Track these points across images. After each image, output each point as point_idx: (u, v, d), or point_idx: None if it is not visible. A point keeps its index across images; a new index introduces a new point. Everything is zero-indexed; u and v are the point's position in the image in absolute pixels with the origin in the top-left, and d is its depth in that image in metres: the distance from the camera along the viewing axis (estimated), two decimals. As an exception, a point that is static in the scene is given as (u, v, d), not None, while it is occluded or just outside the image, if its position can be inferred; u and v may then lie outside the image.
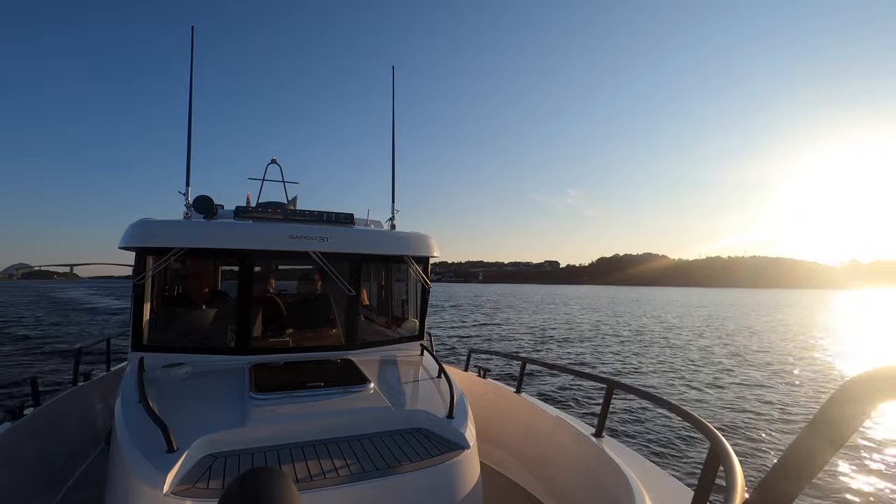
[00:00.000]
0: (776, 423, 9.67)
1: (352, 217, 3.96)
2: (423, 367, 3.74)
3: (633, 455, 2.74)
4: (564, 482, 3.17)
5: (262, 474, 0.90)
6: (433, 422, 2.68)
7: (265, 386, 2.79)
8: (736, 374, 15.01)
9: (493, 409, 4.09)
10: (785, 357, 18.67)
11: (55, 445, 3.47)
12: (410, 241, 4.02)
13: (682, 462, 7.27)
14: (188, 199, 3.54)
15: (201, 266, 4.35)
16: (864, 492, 6.34)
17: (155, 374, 3.00)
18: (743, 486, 1.41)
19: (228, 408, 2.59)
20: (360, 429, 2.57)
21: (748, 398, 11.78)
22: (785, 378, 14.43)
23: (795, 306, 65.14)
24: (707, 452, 1.77)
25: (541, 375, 12.64)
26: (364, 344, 3.89)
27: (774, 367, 16.14)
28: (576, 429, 3.08)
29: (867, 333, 30.60)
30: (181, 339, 3.59)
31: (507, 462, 3.82)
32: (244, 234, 3.44)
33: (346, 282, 3.71)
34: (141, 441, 2.16)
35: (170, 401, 2.65)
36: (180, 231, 3.30)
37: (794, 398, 11.95)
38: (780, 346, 22.00)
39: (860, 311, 58.05)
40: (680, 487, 2.41)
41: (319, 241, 3.54)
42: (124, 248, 3.34)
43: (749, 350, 20.55)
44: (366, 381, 2.96)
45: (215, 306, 3.89)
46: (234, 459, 2.20)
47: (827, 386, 13.52)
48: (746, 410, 10.61)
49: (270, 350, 3.59)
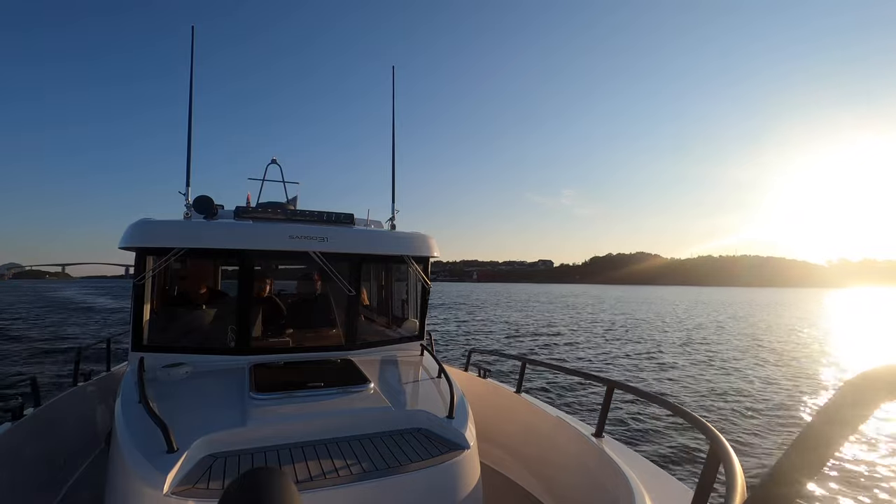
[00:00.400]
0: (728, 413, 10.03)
1: (352, 217, 3.96)
2: (424, 367, 3.74)
3: (633, 455, 2.74)
4: (564, 482, 3.16)
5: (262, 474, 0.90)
6: (433, 422, 2.68)
7: (265, 386, 2.79)
8: (667, 363, 16.64)
9: (493, 409, 4.08)
10: (726, 352, 19.76)
11: (55, 445, 3.47)
12: (410, 241, 4.02)
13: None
14: (188, 200, 3.54)
15: (201, 266, 4.35)
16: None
17: (155, 375, 3.00)
18: (743, 486, 1.41)
19: (228, 408, 2.59)
20: (360, 429, 2.57)
21: (665, 380, 13.32)
22: (715, 371, 15.43)
23: (774, 305, 66.47)
24: (707, 452, 1.77)
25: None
26: (364, 344, 3.89)
27: (716, 363, 17.03)
28: (576, 429, 3.08)
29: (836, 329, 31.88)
30: (181, 340, 3.59)
31: (507, 462, 3.82)
32: (244, 234, 3.44)
33: (346, 282, 3.71)
34: (141, 441, 2.16)
35: (170, 401, 2.65)
36: (180, 231, 3.30)
37: (739, 388, 12.65)
38: (721, 340, 23.52)
39: (835, 308, 59.64)
40: (680, 487, 2.40)
41: (319, 241, 3.54)
42: (124, 248, 3.34)
43: (692, 343, 22.15)
44: (366, 381, 2.96)
45: (215, 306, 3.89)
46: (234, 459, 2.20)
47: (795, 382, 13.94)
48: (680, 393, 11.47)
49: (270, 350, 3.59)
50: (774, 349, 20.39)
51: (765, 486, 0.65)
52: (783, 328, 30.23)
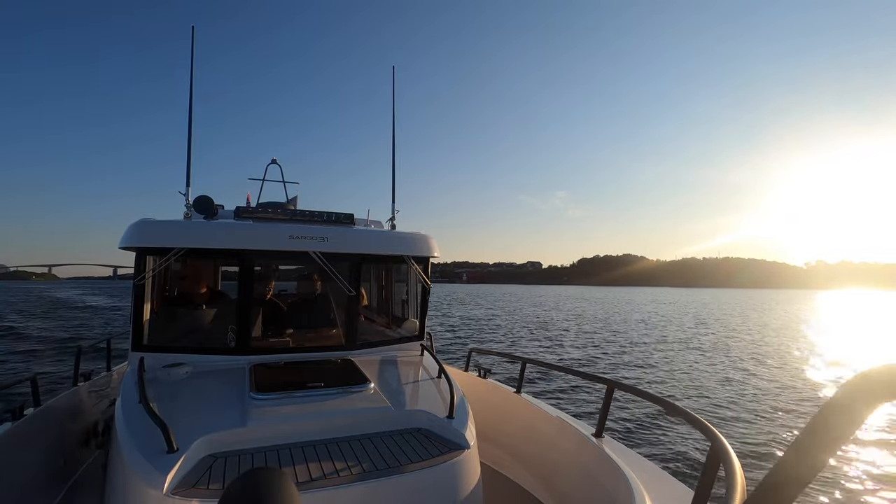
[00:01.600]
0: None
1: (352, 217, 3.96)
2: (424, 368, 3.73)
3: (633, 455, 2.74)
4: (564, 482, 3.16)
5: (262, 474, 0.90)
6: (433, 422, 2.68)
7: (265, 386, 2.79)
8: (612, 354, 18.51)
9: (494, 409, 4.08)
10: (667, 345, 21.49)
11: (55, 445, 3.47)
12: (411, 241, 4.02)
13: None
14: (188, 200, 3.54)
15: (202, 266, 4.35)
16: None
17: (155, 375, 3.00)
18: (743, 486, 1.41)
19: (228, 408, 2.59)
20: (360, 429, 2.57)
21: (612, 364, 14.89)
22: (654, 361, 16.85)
23: (739, 304, 68.83)
24: (707, 452, 1.77)
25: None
26: (364, 344, 3.89)
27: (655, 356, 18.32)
28: (576, 429, 3.08)
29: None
30: (181, 340, 3.59)
31: (507, 462, 3.82)
32: (244, 234, 3.44)
33: (346, 282, 3.71)
34: (141, 441, 2.17)
35: (170, 401, 2.65)
36: (180, 231, 3.30)
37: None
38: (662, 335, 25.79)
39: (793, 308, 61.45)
40: (680, 487, 2.40)
41: (319, 241, 3.54)
42: (124, 248, 3.35)
43: (629, 339, 23.82)
44: (366, 382, 2.95)
45: (215, 306, 3.89)
46: (234, 460, 2.20)
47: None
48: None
49: (270, 350, 3.59)
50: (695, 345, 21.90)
51: (765, 486, 0.65)
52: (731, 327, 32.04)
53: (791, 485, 0.62)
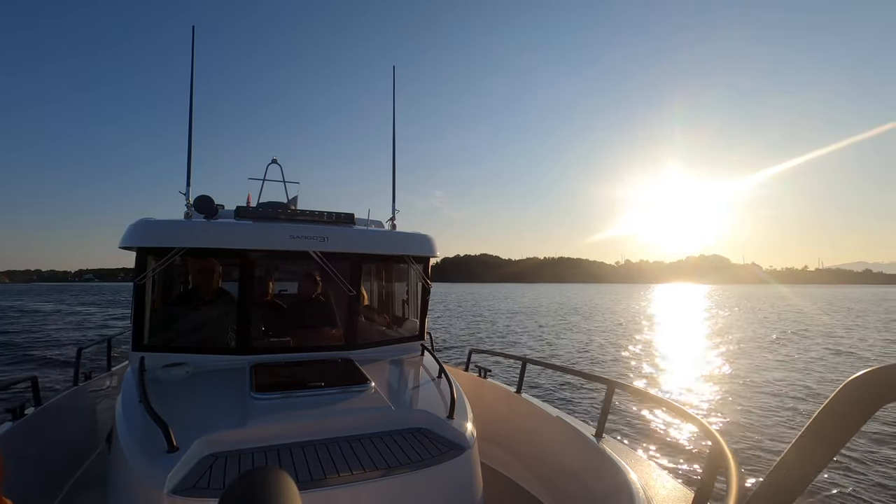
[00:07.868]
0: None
1: (352, 217, 3.96)
2: (424, 367, 3.73)
3: (633, 455, 2.74)
4: (564, 482, 3.16)
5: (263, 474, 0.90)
6: (433, 422, 2.68)
7: (266, 386, 2.80)
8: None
9: (493, 410, 4.08)
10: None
11: (55, 445, 3.47)
12: (411, 241, 4.02)
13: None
14: (189, 199, 3.54)
15: (215, 262, 4.38)
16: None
17: (156, 374, 3.00)
18: (743, 486, 1.41)
19: (229, 408, 2.59)
20: (360, 429, 2.57)
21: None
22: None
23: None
24: (707, 452, 1.78)
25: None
26: (364, 344, 3.89)
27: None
28: (576, 429, 3.08)
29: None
30: (182, 339, 3.59)
31: (507, 462, 3.82)
32: (245, 233, 3.44)
33: (346, 282, 3.71)
34: (142, 441, 2.17)
35: (170, 400, 2.65)
36: (181, 231, 3.30)
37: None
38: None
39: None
40: (680, 487, 2.40)
41: (320, 241, 3.54)
42: (125, 248, 3.35)
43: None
44: (366, 381, 2.96)
45: (216, 306, 3.89)
46: (234, 459, 2.21)
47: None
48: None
49: (271, 350, 3.59)
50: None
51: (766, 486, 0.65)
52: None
53: (792, 485, 0.62)
